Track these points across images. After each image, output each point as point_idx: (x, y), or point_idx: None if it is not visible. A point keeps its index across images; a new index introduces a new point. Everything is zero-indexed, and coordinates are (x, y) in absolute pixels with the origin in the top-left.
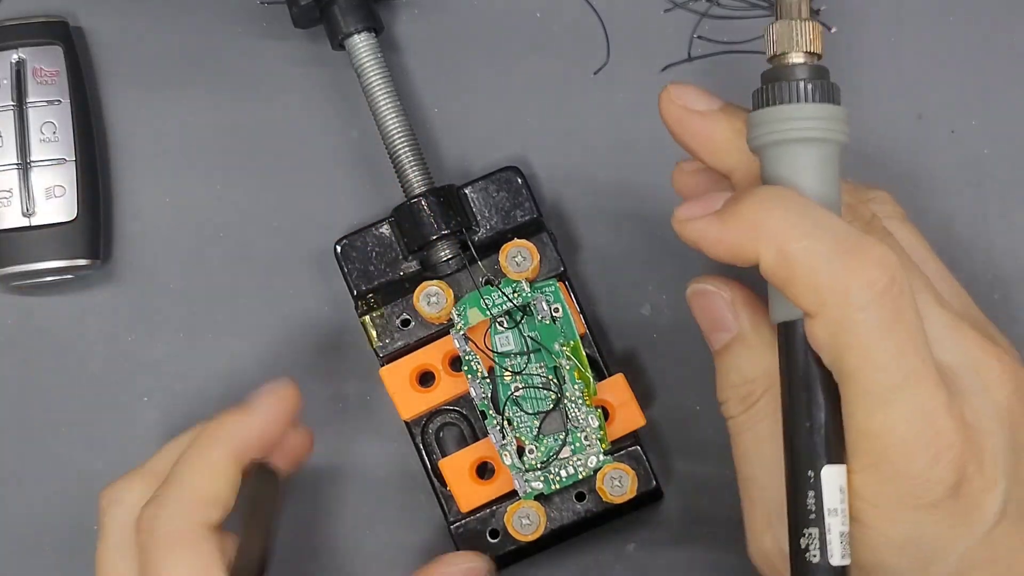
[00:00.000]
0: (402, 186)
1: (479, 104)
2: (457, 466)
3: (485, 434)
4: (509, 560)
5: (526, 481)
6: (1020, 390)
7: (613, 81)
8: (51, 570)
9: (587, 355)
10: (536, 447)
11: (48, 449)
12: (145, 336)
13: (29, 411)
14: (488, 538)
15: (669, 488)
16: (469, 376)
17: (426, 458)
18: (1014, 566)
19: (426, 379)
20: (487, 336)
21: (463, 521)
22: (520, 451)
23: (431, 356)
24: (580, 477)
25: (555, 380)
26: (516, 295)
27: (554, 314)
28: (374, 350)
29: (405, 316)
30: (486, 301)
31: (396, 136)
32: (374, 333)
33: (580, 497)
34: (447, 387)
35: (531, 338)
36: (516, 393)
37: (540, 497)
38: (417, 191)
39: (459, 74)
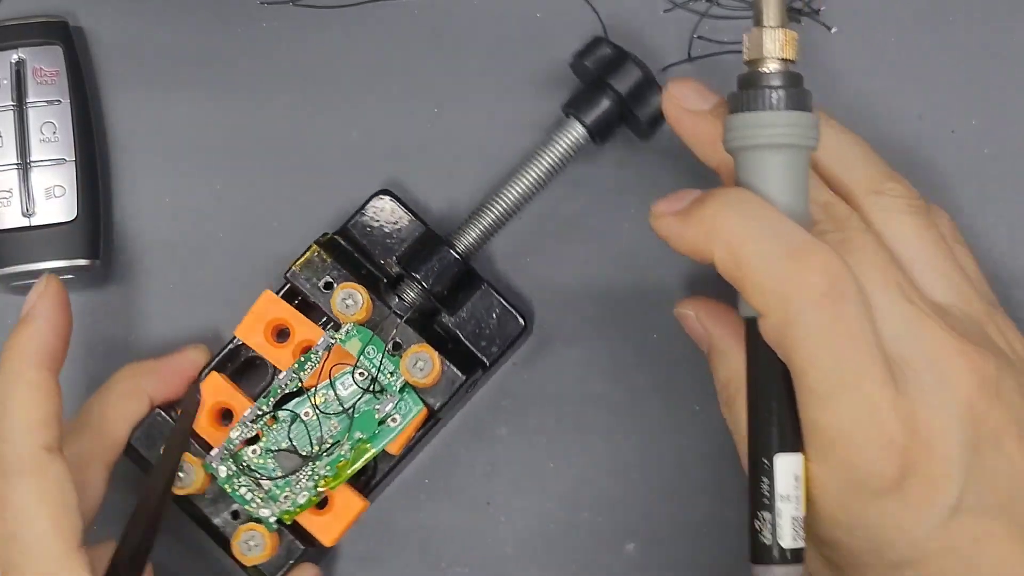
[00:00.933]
0: (459, 236)
1: (479, 104)
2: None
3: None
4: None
5: (219, 466)
6: (985, 386)
7: None
8: None
9: (366, 471)
10: (261, 457)
11: None
12: (145, 336)
13: None
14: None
15: (670, 489)
16: (298, 368)
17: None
18: (975, 556)
19: (282, 334)
20: (334, 368)
21: None
22: (252, 440)
23: (301, 324)
24: (246, 506)
25: (325, 444)
26: (389, 377)
27: (389, 421)
28: (289, 268)
29: (329, 280)
30: (370, 351)
31: (505, 207)
32: (301, 260)
33: (235, 515)
34: (280, 357)
35: (352, 407)
36: (303, 416)
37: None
38: (457, 252)
39: (459, 74)
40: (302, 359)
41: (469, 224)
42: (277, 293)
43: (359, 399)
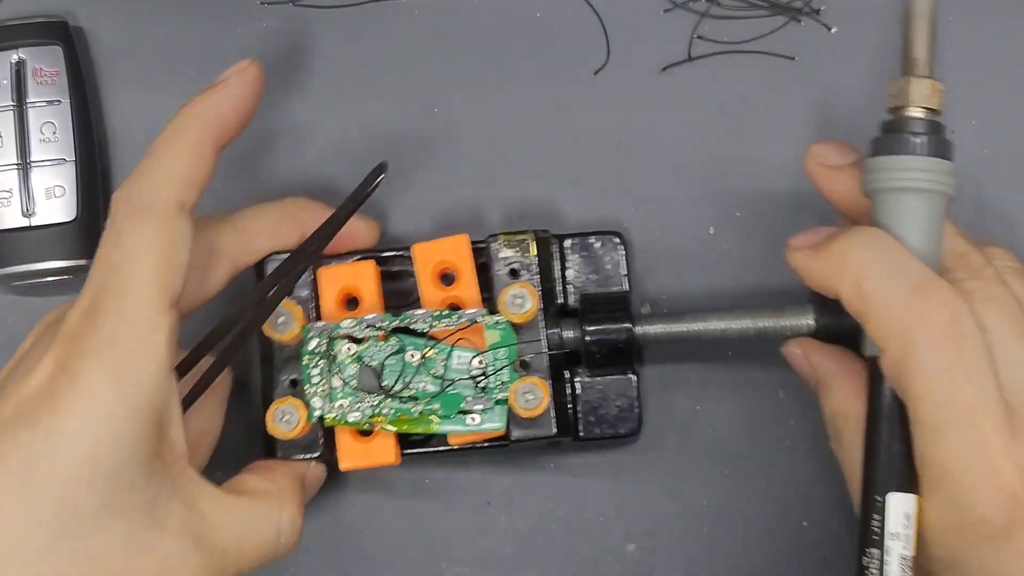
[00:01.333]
0: (647, 320)
1: (479, 104)
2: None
3: None
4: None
5: (314, 336)
6: None
7: (613, 81)
8: None
9: (420, 438)
10: (350, 358)
11: None
12: None
13: None
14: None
15: (671, 489)
16: (438, 316)
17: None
18: None
19: (446, 278)
20: (462, 340)
21: None
22: (355, 340)
23: (468, 283)
24: (306, 385)
25: (406, 391)
26: (498, 384)
27: (468, 416)
28: (497, 234)
29: (516, 269)
30: (501, 352)
31: (702, 331)
32: (511, 235)
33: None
34: (430, 295)
35: (451, 382)
36: (408, 356)
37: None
38: (635, 331)
39: (459, 74)
40: (447, 312)
41: (665, 320)
42: (473, 243)
43: (460, 379)
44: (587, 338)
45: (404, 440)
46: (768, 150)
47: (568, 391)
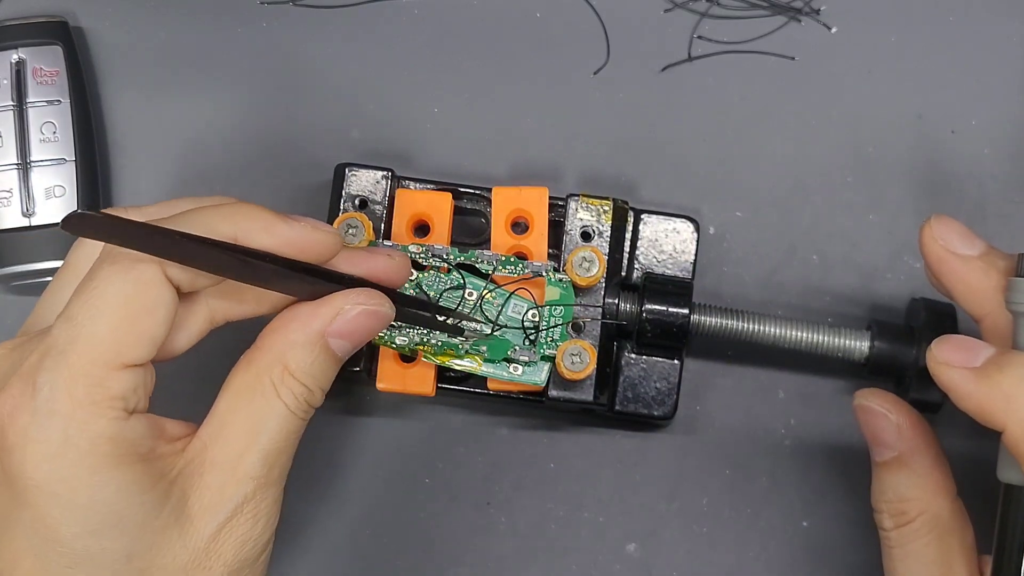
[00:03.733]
0: (704, 310)
1: (479, 104)
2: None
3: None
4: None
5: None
6: None
7: (613, 81)
8: None
9: (460, 376)
10: (410, 284)
11: None
12: None
13: None
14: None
15: (670, 489)
16: (504, 262)
17: None
18: None
19: (517, 226)
20: (522, 291)
21: None
22: (418, 267)
23: (539, 233)
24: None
25: (456, 325)
26: (547, 340)
27: (512, 364)
28: (580, 194)
29: (588, 232)
30: (558, 309)
31: (756, 332)
32: (596, 199)
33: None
34: (499, 238)
35: (502, 327)
36: (466, 294)
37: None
38: (691, 318)
39: (459, 74)
40: (513, 259)
41: (722, 315)
42: (550, 198)
43: (512, 326)
44: (644, 315)
45: (442, 375)
46: (768, 150)
47: (612, 363)
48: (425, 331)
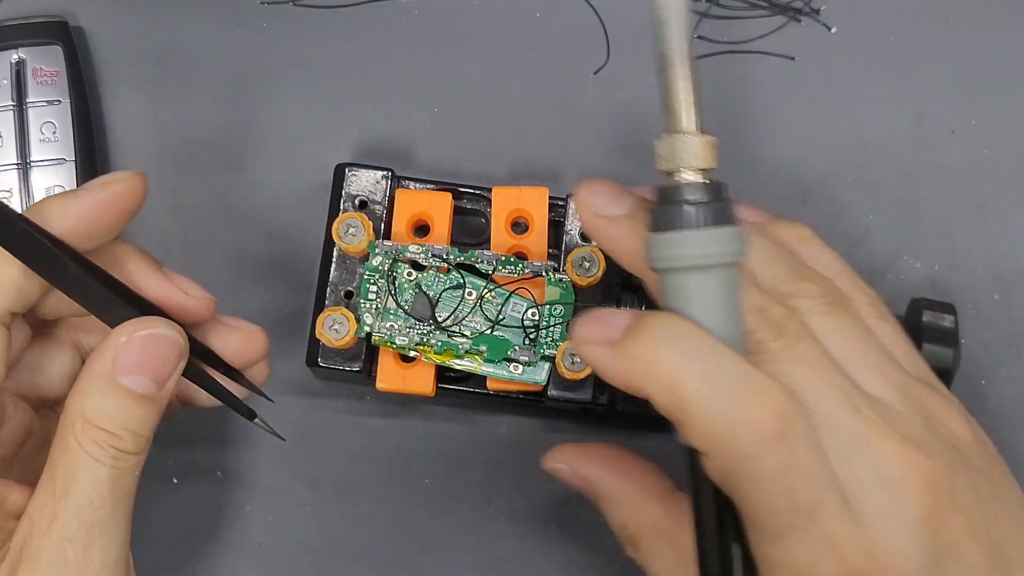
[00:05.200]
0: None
1: (479, 104)
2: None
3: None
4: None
5: (379, 252)
6: (938, 497)
7: (613, 81)
8: None
9: (460, 375)
10: (408, 284)
11: None
12: None
13: None
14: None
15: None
16: (504, 262)
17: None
18: None
19: (516, 226)
20: (522, 290)
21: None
22: (417, 266)
23: (539, 234)
24: (362, 299)
25: (457, 326)
26: (547, 340)
27: (512, 364)
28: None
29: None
30: (558, 309)
31: None
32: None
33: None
34: (500, 238)
35: (503, 325)
36: (466, 293)
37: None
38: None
39: (459, 74)
40: (513, 259)
41: None
42: (550, 198)
43: (512, 327)
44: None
45: (442, 375)
46: (768, 150)
47: None
48: (425, 331)
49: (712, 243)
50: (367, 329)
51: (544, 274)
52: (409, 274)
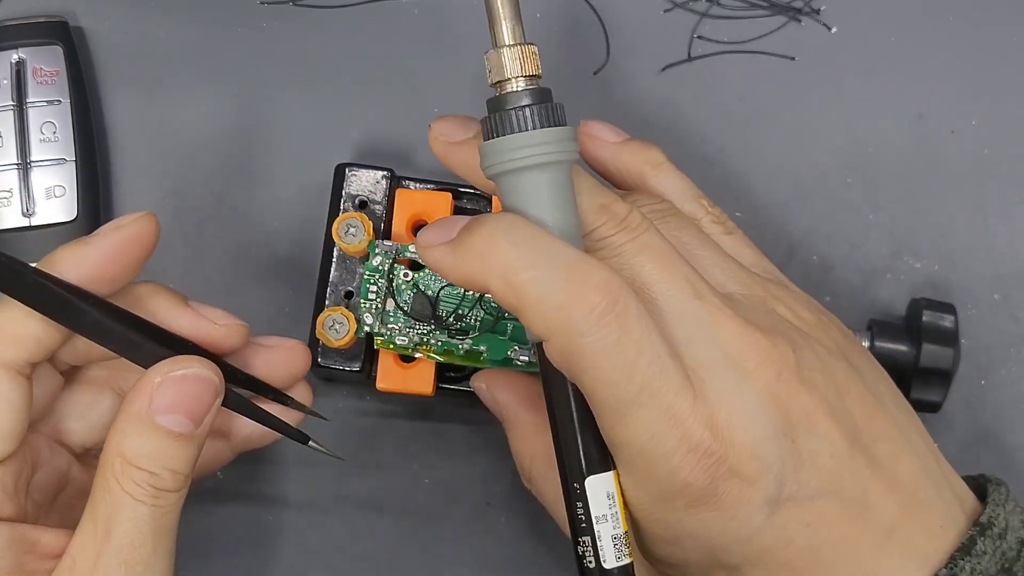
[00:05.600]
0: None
1: (479, 104)
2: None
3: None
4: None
5: (379, 253)
6: (784, 373)
7: (613, 81)
8: None
9: (459, 372)
10: (406, 284)
11: None
12: None
13: None
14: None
15: None
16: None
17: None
18: (813, 541)
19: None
20: None
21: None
22: (416, 266)
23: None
24: (362, 299)
25: (458, 324)
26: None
27: (514, 362)
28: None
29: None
30: None
31: None
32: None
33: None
34: None
35: (505, 321)
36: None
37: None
38: None
39: (459, 74)
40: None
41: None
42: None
43: (513, 323)
44: None
45: (442, 375)
46: (768, 150)
47: None
48: (425, 331)
49: (540, 141)
50: (367, 330)
51: None
52: (406, 275)
